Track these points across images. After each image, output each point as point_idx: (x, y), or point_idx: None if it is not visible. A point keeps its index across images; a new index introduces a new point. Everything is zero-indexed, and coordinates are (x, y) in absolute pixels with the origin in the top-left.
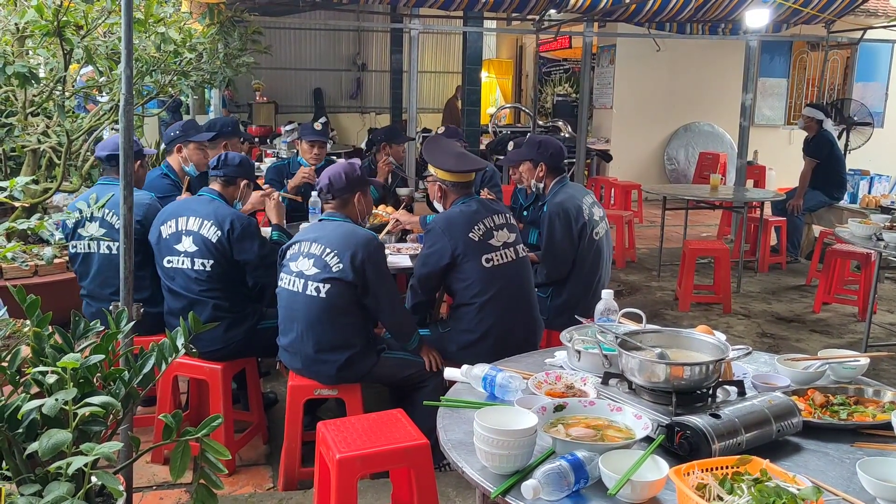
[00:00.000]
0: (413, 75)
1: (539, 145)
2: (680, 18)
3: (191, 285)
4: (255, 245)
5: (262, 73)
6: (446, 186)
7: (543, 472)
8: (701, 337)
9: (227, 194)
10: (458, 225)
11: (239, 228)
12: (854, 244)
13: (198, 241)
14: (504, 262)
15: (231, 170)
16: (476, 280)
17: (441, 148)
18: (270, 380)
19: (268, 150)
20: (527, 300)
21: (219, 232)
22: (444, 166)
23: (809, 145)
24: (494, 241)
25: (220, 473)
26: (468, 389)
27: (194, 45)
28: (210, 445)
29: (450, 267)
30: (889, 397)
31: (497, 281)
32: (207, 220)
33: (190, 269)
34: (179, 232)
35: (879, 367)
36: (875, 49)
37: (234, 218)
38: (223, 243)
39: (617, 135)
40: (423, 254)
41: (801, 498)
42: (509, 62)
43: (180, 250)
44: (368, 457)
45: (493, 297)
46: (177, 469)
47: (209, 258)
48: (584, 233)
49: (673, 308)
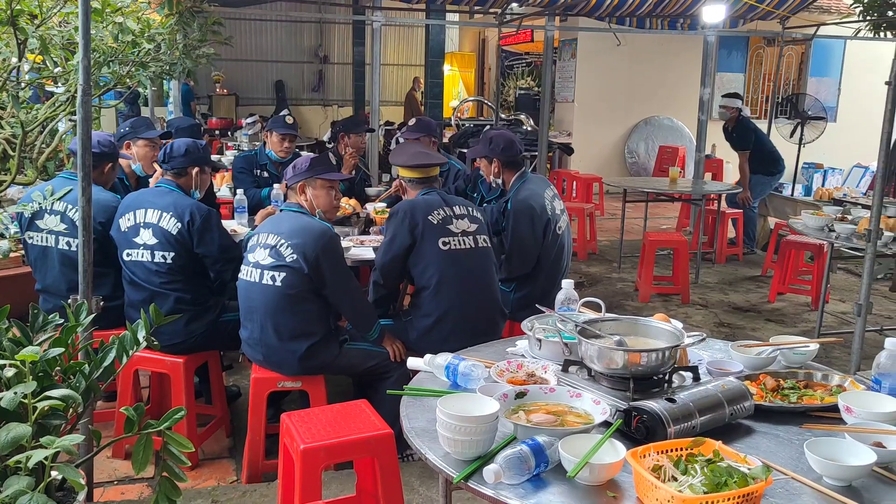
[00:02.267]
0: (375, 68)
1: (491, 141)
2: (639, 13)
3: (151, 277)
4: (215, 237)
5: (222, 65)
6: (406, 183)
7: (504, 457)
8: (657, 324)
9: (182, 184)
10: (418, 209)
11: (199, 220)
12: (807, 235)
13: (157, 233)
14: (462, 247)
15: (178, 161)
16: (432, 262)
17: (402, 149)
18: (233, 373)
19: (229, 143)
20: (485, 288)
21: (178, 224)
22: (402, 163)
23: (733, 136)
24: (453, 228)
25: (183, 466)
26: (431, 378)
27: (153, 36)
28: (173, 438)
29: (411, 249)
30: (836, 381)
31: (454, 265)
32: (166, 211)
33: (150, 261)
34: (138, 225)
35: (832, 353)
36: (828, 45)
37: (194, 209)
38: (183, 235)
39: (578, 128)
40: (386, 241)
41: (751, 477)
42: (472, 55)
43: (139, 243)
44: (332, 447)
45: (450, 280)
46: (139, 462)
47: (169, 250)
48: (549, 228)
49: (633, 299)
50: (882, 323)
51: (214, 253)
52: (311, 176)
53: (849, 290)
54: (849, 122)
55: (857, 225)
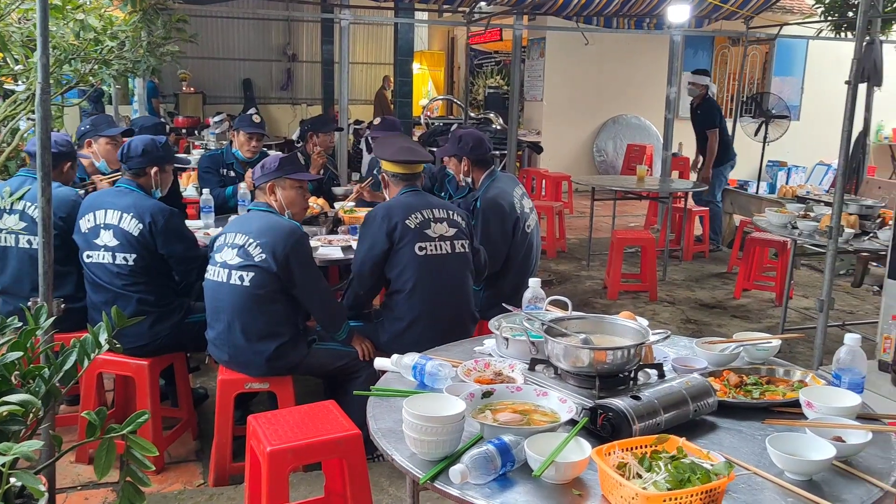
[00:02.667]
0: (344, 66)
1: (460, 140)
2: (606, 13)
3: (113, 279)
4: (179, 238)
5: (188, 63)
6: (389, 177)
7: (471, 457)
8: (623, 322)
9: (142, 183)
10: (396, 213)
11: (161, 221)
12: (771, 232)
13: (118, 234)
14: (438, 253)
15: (136, 161)
16: (407, 266)
17: (388, 141)
18: (200, 375)
19: (195, 142)
20: (458, 294)
21: (140, 225)
22: (387, 157)
23: (698, 114)
24: (431, 232)
25: (147, 471)
26: (398, 378)
27: (116, 33)
28: (136, 442)
29: (388, 254)
30: (798, 376)
31: (429, 270)
32: (127, 212)
33: (111, 263)
34: (98, 226)
35: (795, 349)
36: (792, 45)
37: (156, 210)
38: (146, 236)
39: (547, 127)
40: (364, 247)
41: (713, 473)
42: (441, 54)
43: (100, 244)
44: (299, 449)
45: (424, 284)
46: (101, 467)
47: (131, 252)
48: (518, 227)
49: (602, 296)
50: (844, 318)
51: (179, 253)
52: (280, 175)
53: (812, 285)
54: (812, 120)
55: (819, 222)
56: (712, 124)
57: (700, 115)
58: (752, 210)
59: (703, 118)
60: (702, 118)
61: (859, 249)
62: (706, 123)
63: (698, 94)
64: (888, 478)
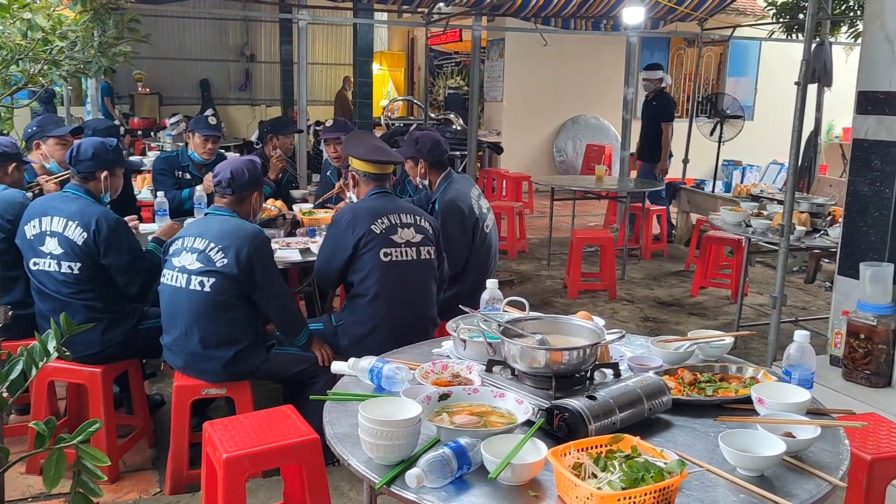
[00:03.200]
0: (302, 67)
1: (416, 142)
2: (564, 14)
3: (60, 288)
4: (122, 248)
5: (143, 63)
6: (359, 176)
7: (427, 461)
8: (579, 323)
9: (91, 188)
10: (362, 218)
11: (105, 230)
12: (726, 231)
13: (63, 243)
14: (403, 259)
15: (86, 165)
16: (371, 272)
17: (359, 139)
18: (156, 381)
19: (152, 144)
20: (422, 301)
21: (84, 233)
22: (359, 155)
23: (654, 105)
24: (397, 238)
25: (100, 481)
26: (356, 382)
27: (65, 33)
28: (87, 452)
29: (353, 258)
30: (750, 373)
31: (393, 276)
32: (72, 220)
33: (57, 271)
34: (43, 233)
35: (751, 345)
36: (745, 46)
37: (101, 218)
38: (90, 245)
39: (507, 127)
40: (328, 249)
41: (666, 471)
42: (401, 55)
43: (45, 252)
44: (256, 455)
45: (386, 291)
46: (50, 478)
47: (75, 261)
48: (477, 228)
49: (562, 296)
50: (797, 314)
51: (122, 265)
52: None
53: (767, 282)
54: (765, 120)
55: (772, 220)
56: (669, 117)
57: (656, 107)
58: (708, 209)
59: (660, 110)
60: (658, 110)
61: (811, 247)
62: (663, 116)
63: (654, 87)
64: (837, 472)
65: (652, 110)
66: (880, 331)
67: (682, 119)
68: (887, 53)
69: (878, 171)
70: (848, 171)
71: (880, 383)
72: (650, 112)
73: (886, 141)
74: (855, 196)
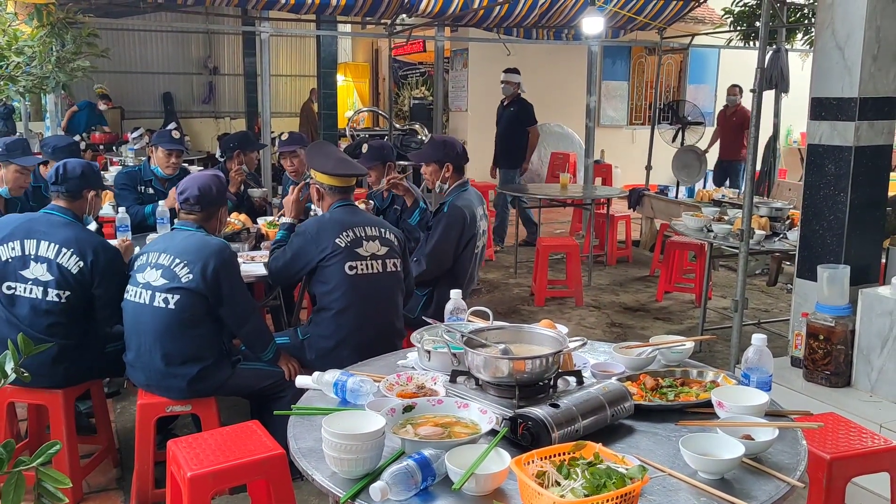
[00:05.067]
0: (266, 79)
1: (444, 145)
2: (526, 24)
3: (35, 319)
4: (114, 280)
5: (104, 77)
6: (324, 189)
7: (391, 473)
8: (542, 331)
9: (75, 209)
10: (326, 230)
11: (103, 261)
12: (688, 236)
13: (54, 270)
14: (369, 272)
15: (74, 183)
16: (337, 285)
17: (322, 151)
18: (120, 399)
19: (114, 158)
20: (387, 313)
21: (81, 262)
22: (322, 169)
23: (511, 111)
24: (362, 251)
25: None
26: (320, 396)
27: (21, 48)
28: (47, 474)
29: (314, 270)
30: (710, 377)
31: (358, 290)
32: (66, 247)
33: (40, 298)
34: (27, 256)
35: (714, 348)
36: (704, 54)
37: (99, 248)
38: (85, 275)
39: (473, 136)
40: (289, 254)
41: (628, 477)
42: (366, 66)
43: (29, 277)
44: (221, 472)
45: (352, 304)
46: (10, 503)
47: (66, 289)
48: (472, 242)
49: (529, 303)
50: (760, 316)
51: (110, 295)
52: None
53: (730, 286)
54: None
55: (733, 224)
56: (534, 120)
57: (517, 112)
58: (671, 214)
59: (523, 115)
60: (520, 115)
61: (771, 250)
62: (528, 121)
63: (512, 91)
64: (795, 472)
65: (511, 116)
66: (838, 331)
67: (644, 126)
68: (838, 60)
69: (832, 175)
70: (804, 175)
71: (840, 383)
72: (508, 117)
73: (840, 146)
74: (811, 200)
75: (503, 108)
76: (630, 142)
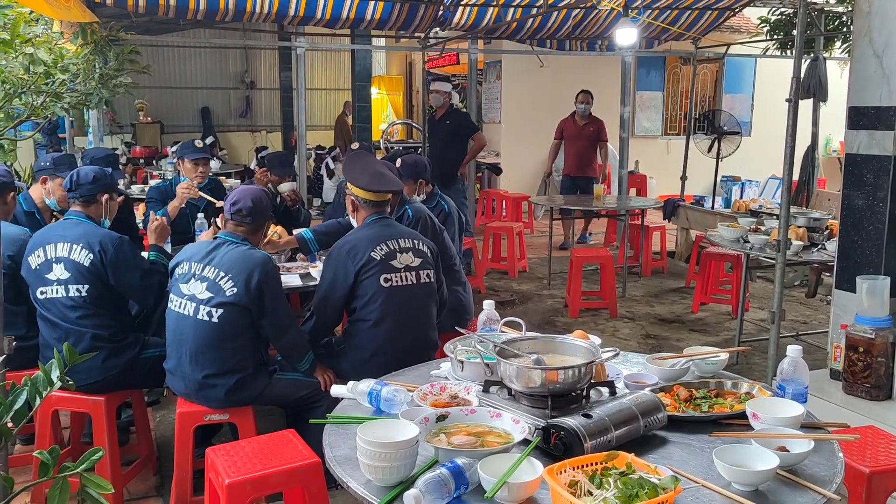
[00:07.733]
0: (301, 93)
1: (416, 164)
2: (559, 36)
3: (67, 313)
4: (130, 266)
5: (145, 93)
6: (359, 202)
7: (424, 481)
8: (574, 342)
9: (92, 213)
10: (360, 247)
11: (111, 250)
12: (724, 247)
13: (69, 266)
14: (403, 284)
15: (87, 189)
16: (373, 298)
17: (359, 164)
18: (160, 408)
19: (153, 172)
20: (422, 324)
21: (90, 255)
22: (358, 183)
23: (447, 125)
24: (396, 263)
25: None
26: (355, 405)
27: (67, 66)
28: (91, 480)
29: (353, 288)
30: (745, 388)
31: (394, 302)
32: (77, 243)
33: (65, 296)
34: (49, 260)
35: (752, 360)
36: (741, 63)
37: (105, 239)
38: (97, 266)
39: (506, 148)
40: (327, 281)
41: (661, 487)
42: (399, 78)
43: (52, 279)
44: (258, 480)
45: (388, 316)
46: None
47: (83, 283)
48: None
49: (563, 315)
50: (798, 328)
51: (132, 283)
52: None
53: (768, 297)
54: (762, 135)
55: (770, 235)
56: (475, 128)
57: (455, 126)
58: (707, 225)
59: (463, 128)
60: (461, 126)
61: (808, 261)
62: (468, 131)
63: (443, 102)
64: (831, 485)
65: (448, 131)
66: (879, 344)
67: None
68: (876, 69)
69: (871, 185)
70: (842, 185)
71: (880, 396)
72: (445, 133)
73: (878, 155)
74: (849, 210)
75: (436, 124)
76: (665, 152)
